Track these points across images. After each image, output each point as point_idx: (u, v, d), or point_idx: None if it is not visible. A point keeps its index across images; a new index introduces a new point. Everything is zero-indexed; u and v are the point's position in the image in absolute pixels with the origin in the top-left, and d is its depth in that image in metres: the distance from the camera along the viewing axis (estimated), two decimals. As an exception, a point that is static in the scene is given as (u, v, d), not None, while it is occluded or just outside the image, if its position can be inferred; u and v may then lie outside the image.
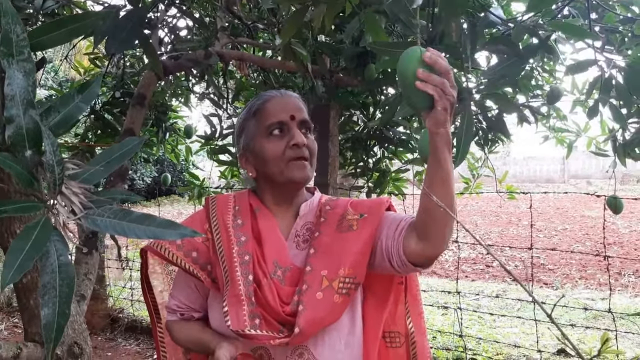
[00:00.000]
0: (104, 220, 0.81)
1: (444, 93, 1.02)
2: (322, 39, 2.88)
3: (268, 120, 1.29)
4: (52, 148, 0.80)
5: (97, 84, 0.96)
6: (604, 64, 1.97)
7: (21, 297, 1.84)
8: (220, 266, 1.27)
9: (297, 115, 1.29)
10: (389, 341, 1.42)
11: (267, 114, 1.30)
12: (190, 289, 1.40)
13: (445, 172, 1.11)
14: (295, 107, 1.31)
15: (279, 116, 1.29)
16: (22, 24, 0.85)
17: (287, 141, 1.27)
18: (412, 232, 1.20)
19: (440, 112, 1.04)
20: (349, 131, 3.38)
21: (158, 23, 2.65)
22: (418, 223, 1.19)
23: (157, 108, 3.86)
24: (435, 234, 1.16)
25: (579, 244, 9.11)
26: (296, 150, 1.26)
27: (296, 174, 1.27)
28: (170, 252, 1.33)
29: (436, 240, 1.16)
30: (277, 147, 1.27)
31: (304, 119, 1.31)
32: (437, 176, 1.11)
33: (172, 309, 1.41)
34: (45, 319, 0.76)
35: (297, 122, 1.29)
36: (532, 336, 4.16)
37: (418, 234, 1.18)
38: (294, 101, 1.33)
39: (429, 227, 1.16)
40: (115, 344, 4.70)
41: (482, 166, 3.71)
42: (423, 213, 1.17)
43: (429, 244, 1.17)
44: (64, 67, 9.96)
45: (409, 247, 1.20)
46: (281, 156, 1.27)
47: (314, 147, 1.31)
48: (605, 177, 19.13)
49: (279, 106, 1.30)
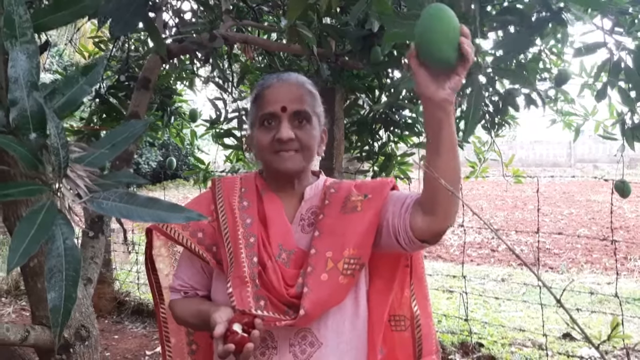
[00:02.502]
0: (109, 203, 0.81)
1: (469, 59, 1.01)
2: (327, 21, 2.85)
3: (261, 110, 1.30)
4: (56, 131, 0.79)
5: (101, 65, 0.95)
6: (613, 46, 1.95)
7: (28, 281, 1.85)
8: (225, 247, 1.28)
9: (290, 107, 1.28)
10: (394, 324, 1.41)
11: (262, 102, 1.31)
12: (194, 269, 1.40)
13: (454, 140, 1.10)
14: (289, 97, 1.29)
15: (271, 107, 1.28)
16: (24, 5, 0.83)
17: (274, 134, 1.27)
18: (418, 208, 1.20)
19: (461, 78, 1.03)
20: (354, 114, 3.36)
21: (162, 6, 2.63)
22: (424, 199, 1.19)
23: (161, 92, 3.83)
24: (441, 209, 1.15)
25: (584, 228, 9.09)
26: (280, 144, 1.26)
27: (281, 165, 1.28)
28: (176, 232, 1.33)
29: (442, 214, 1.16)
30: (265, 138, 1.28)
31: (298, 110, 1.28)
32: (446, 145, 1.10)
33: (175, 289, 1.41)
34: (52, 302, 0.76)
35: (288, 113, 1.28)
36: (537, 320, 4.18)
37: (424, 209, 1.18)
38: (290, 89, 1.31)
39: (435, 202, 1.16)
40: (122, 327, 4.74)
41: (489, 150, 3.69)
42: (429, 188, 1.16)
43: (435, 219, 1.17)
44: (69, 51, 9.93)
45: (416, 224, 1.19)
46: (269, 147, 1.28)
47: (306, 138, 1.29)
48: (611, 162, 19.04)
49: (273, 96, 1.30)
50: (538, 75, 3.01)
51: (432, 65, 1.04)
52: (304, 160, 1.30)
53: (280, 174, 1.31)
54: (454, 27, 1.00)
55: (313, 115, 1.31)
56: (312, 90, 1.35)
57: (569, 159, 22.98)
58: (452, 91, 1.05)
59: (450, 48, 1.00)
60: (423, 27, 1.01)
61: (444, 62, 1.02)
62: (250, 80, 3.75)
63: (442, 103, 1.05)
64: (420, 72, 1.05)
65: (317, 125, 1.33)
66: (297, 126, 1.28)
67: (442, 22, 1.00)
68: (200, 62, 3.75)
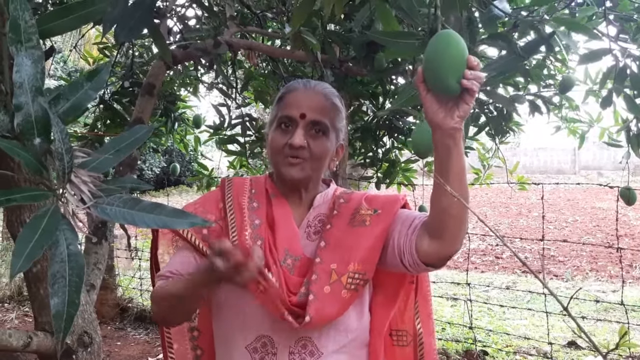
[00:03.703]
0: (113, 209, 0.81)
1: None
2: (332, 27, 2.85)
3: (281, 112, 1.29)
4: (61, 136, 0.79)
5: (106, 71, 0.95)
6: (619, 53, 1.94)
7: (31, 286, 1.84)
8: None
9: (309, 115, 1.27)
10: (395, 339, 1.41)
11: (284, 104, 1.30)
12: (189, 262, 1.31)
13: (463, 166, 1.09)
14: (310, 106, 1.28)
15: (290, 111, 1.28)
16: (30, 10, 0.83)
17: (288, 138, 1.26)
18: (425, 231, 1.19)
19: (470, 106, 1.02)
20: (358, 121, 3.36)
21: (167, 12, 2.63)
22: (431, 223, 1.17)
23: (165, 98, 3.85)
24: (449, 234, 1.14)
25: (589, 235, 9.05)
26: (291, 149, 1.26)
27: (287, 172, 1.28)
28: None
29: (450, 240, 1.15)
30: (279, 140, 1.28)
31: (316, 120, 1.27)
32: (454, 170, 1.09)
33: (164, 276, 1.31)
34: (54, 308, 0.76)
35: (306, 121, 1.27)
36: (542, 328, 4.15)
37: (431, 234, 1.17)
38: (313, 98, 1.29)
39: (442, 226, 1.14)
40: (124, 333, 4.73)
41: (493, 157, 3.67)
42: (436, 212, 1.15)
43: (442, 244, 1.16)
44: (73, 57, 9.98)
45: (422, 247, 1.18)
46: (280, 151, 1.27)
47: (318, 149, 1.28)
48: (616, 169, 19.00)
49: (296, 100, 1.29)
50: (542, 82, 3.00)
51: (438, 93, 1.03)
52: (310, 170, 1.29)
53: (286, 180, 1.30)
54: (460, 57, 0.99)
55: (331, 129, 1.30)
56: (337, 104, 1.33)
57: (573, 166, 22.93)
58: (461, 119, 1.04)
59: (454, 78, 0.99)
60: (430, 53, 1.01)
61: (448, 92, 1.01)
62: (254, 87, 3.75)
63: (450, 131, 1.05)
64: (427, 98, 1.05)
65: (334, 139, 1.32)
66: (312, 135, 1.27)
67: (448, 51, 0.99)
68: (205, 69, 3.76)
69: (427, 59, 1.01)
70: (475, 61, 0.99)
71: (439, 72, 1.00)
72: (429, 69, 1.02)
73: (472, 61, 0.99)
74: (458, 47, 0.99)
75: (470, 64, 0.98)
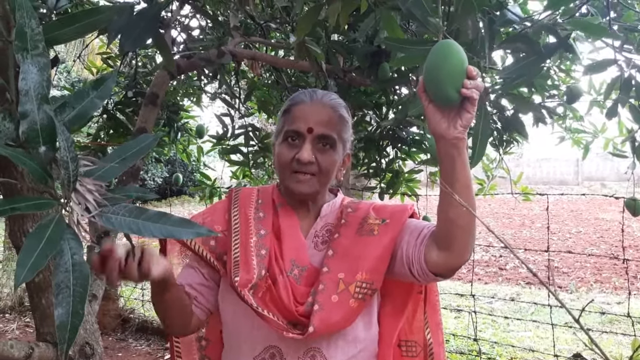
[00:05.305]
0: (118, 218, 0.80)
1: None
2: (335, 38, 2.86)
3: (288, 126, 1.28)
4: (66, 144, 0.78)
5: (112, 80, 0.94)
6: (624, 63, 1.94)
7: (33, 297, 1.83)
8: (232, 252, 1.25)
9: (316, 129, 1.25)
10: (405, 350, 1.40)
11: (291, 117, 1.29)
12: (196, 274, 1.34)
13: (468, 176, 1.09)
14: (317, 119, 1.26)
15: (297, 125, 1.26)
16: (37, 17, 0.83)
17: (296, 153, 1.25)
18: (433, 242, 1.18)
19: (472, 115, 1.03)
20: (361, 131, 3.35)
21: (171, 22, 2.64)
22: (439, 234, 1.17)
23: (169, 108, 3.85)
24: (457, 245, 1.14)
25: (593, 247, 9.01)
26: (299, 165, 1.25)
27: (294, 186, 1.27)
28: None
29: (458, 251, 1.14)
30: (286, 155, 1.26)
31: (324, 134, 1.26)
32: (460, 181, 1.08)
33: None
34: (59, 319, 0.74)
35: (313, 135, 1.25)
36: (547, 340, 4.12)
37: (439, 245, 1.16)
38: (320, 111, 1.28)
39: (450, 237, 1.14)
40: (126, 344, 4.70)
41: (497, 167, 3.66)
42: (444, 224, 1.14)
43: (451, 254, 1.15)
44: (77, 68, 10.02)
45: (431, 257, 1.18)
46: (288, 165, 1.26)
47: (326, 163, 1.27)
48: (619, 180, 18.96)
49: (302, 114, 1.27)
50: (546, 93, 2.99)
51: (438, 102, 1.04)
52: (318, 184, 1.28)
53: (294, 195, 1.29)
54: (460, 67, 0.99)
55: (338, 141, 1.29)
56: (344, 115, 1.32)
57: (576, 176, 22.88)
58: (464, 129, 1.04)
59: (453, 88, 0.99)
60: (430, 63, 1.01)
61: (449, 101, 1.02)
62: (257, 97, 3.76)
63: (453, 141, 1.05)
64: (430, 107, 1.05)
65: (341, 150, 1.31)
66: (319, 149, 1.26)
67: (447, 61, 1.00)
68: (208, 78, 3.77)
69: (428, 68, 1.02)
70: (475, 71, 1.00)
71: (439, 82, 1.01)
72: (429, 79, 1.03)
73: (472, 71, 0.99)
74: (458, 57, 1.00)
75: (470, 74, 0.99)
